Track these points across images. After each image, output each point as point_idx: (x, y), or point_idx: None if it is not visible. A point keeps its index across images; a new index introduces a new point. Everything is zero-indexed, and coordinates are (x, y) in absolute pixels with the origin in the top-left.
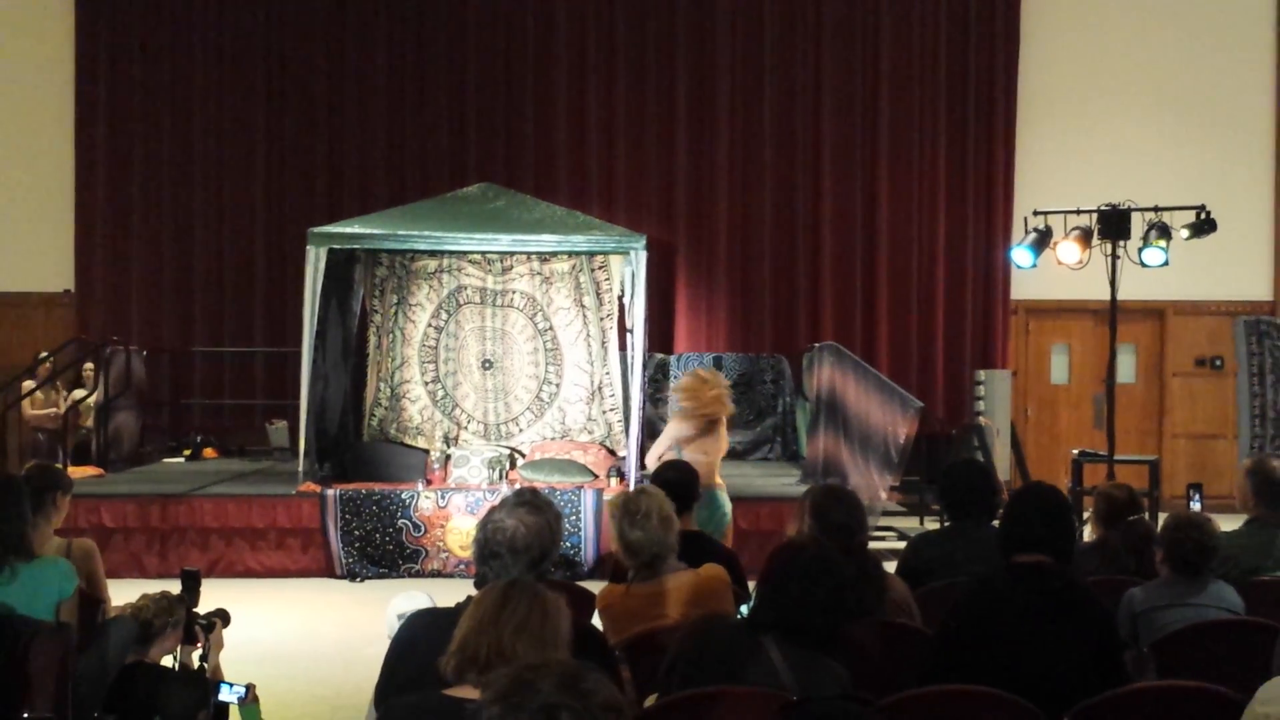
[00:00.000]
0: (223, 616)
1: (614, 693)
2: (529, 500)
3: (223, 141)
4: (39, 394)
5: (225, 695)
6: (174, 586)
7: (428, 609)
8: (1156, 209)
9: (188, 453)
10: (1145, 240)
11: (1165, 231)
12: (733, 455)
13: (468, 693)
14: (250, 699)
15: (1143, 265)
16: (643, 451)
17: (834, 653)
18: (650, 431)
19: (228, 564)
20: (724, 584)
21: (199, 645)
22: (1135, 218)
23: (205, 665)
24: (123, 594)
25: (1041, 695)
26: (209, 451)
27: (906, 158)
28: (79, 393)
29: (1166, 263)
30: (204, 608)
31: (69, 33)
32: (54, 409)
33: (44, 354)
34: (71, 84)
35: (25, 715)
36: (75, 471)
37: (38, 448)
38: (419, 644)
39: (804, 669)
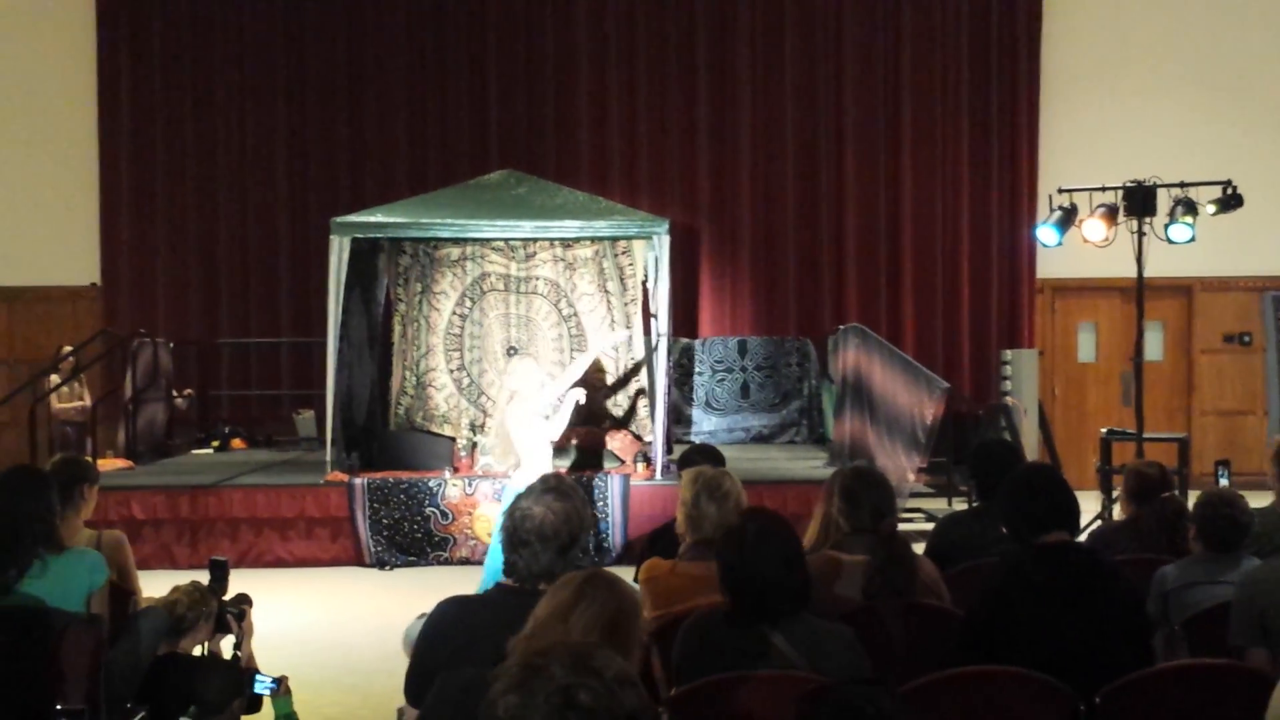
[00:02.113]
0: (246, 601)
1: (625, 666)
2: (555, 486)
3: (245, 133)
4: (64, 388)
5: (258, 687)
6: (204, 577)
7: (455, 596)
8: (1183, 185)
9: (216, 444)
10: (1171, 217)
11: (1192, 207)
12: (759, 439)
13: None
14: (283, 691)
15: (1169, 242)
16: (669, 438)
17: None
18: (677, 417)
19: (258, 554)
20: None
21: (231, 633)
22: (1161, 194)
23: (239, 653)
24: (153, 585)
25: (1072, 675)
26: (237, 442)
27: (929, 136)
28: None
29: (1193, 239)
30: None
31: (90, 27)
32: (80, 402)
33: (68, 348)
34: (94, 79)
35: (59, 707)
36: (104, 464)
37: (65, 441)
38: (448, 632)
39: (810, 645)
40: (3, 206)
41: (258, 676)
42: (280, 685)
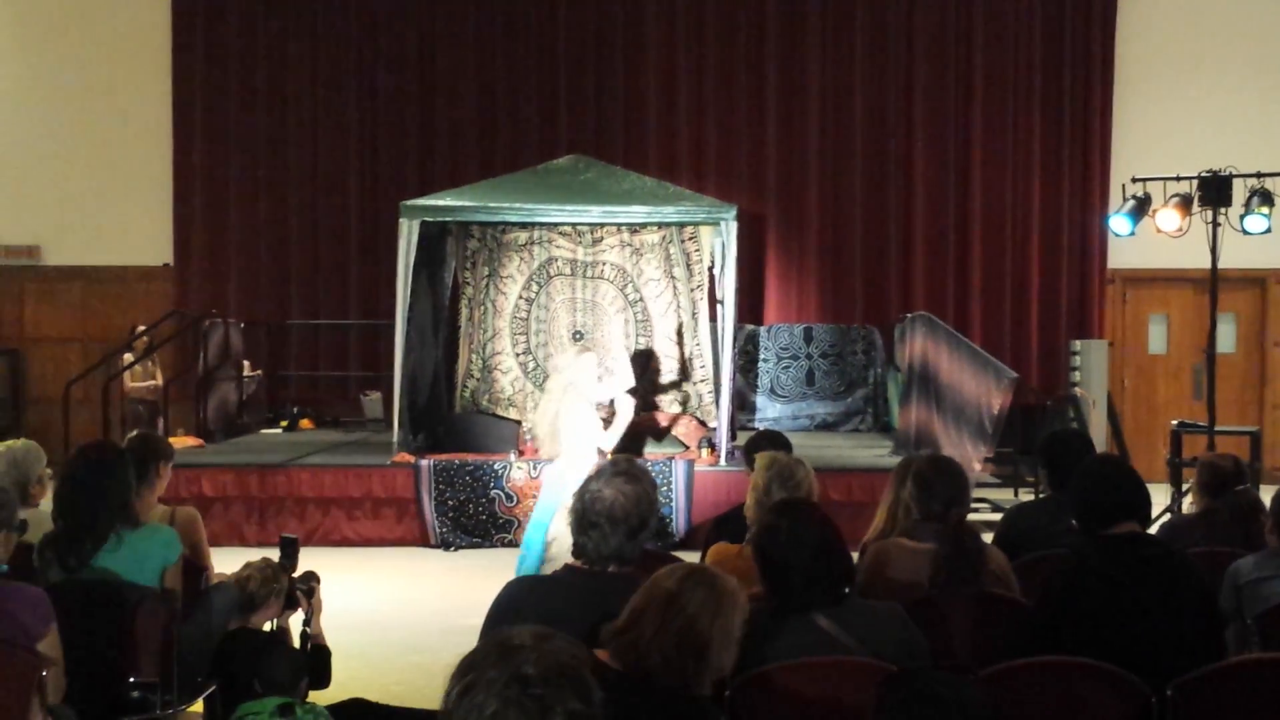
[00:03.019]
0: (315, 579)
1: (536, 629)
2: (625, 470)
3: (317, 116)
4: (137, 367)
5: None
6: (273, 554)
7: (523, 577)
8: (1259, 175)
9: (284, 424)
10: (1247, 207)
11: (1268, 198)
12: (824, 427)
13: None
14: None
15: (1244, 233)
16: (733, 425)
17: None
18: (742, 403)
19: (325, 533)
20: None
21: (301, 609)
22: (1237, 184)
23: (308, 629)
24: (223, 562)
25: (1142, 667)
26: (305, 423)
27: (1001, 123)
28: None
29: (1269, 230)
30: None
31: (166, 12)
32: (153, 381)
33: (140, 328)
34: (169, 63)
35: (131, 679)
36: (175, 442)
37: (138, 419)
38: (517, 611)
39: (860, 626)
40: (79, 188)
41: None
42: None
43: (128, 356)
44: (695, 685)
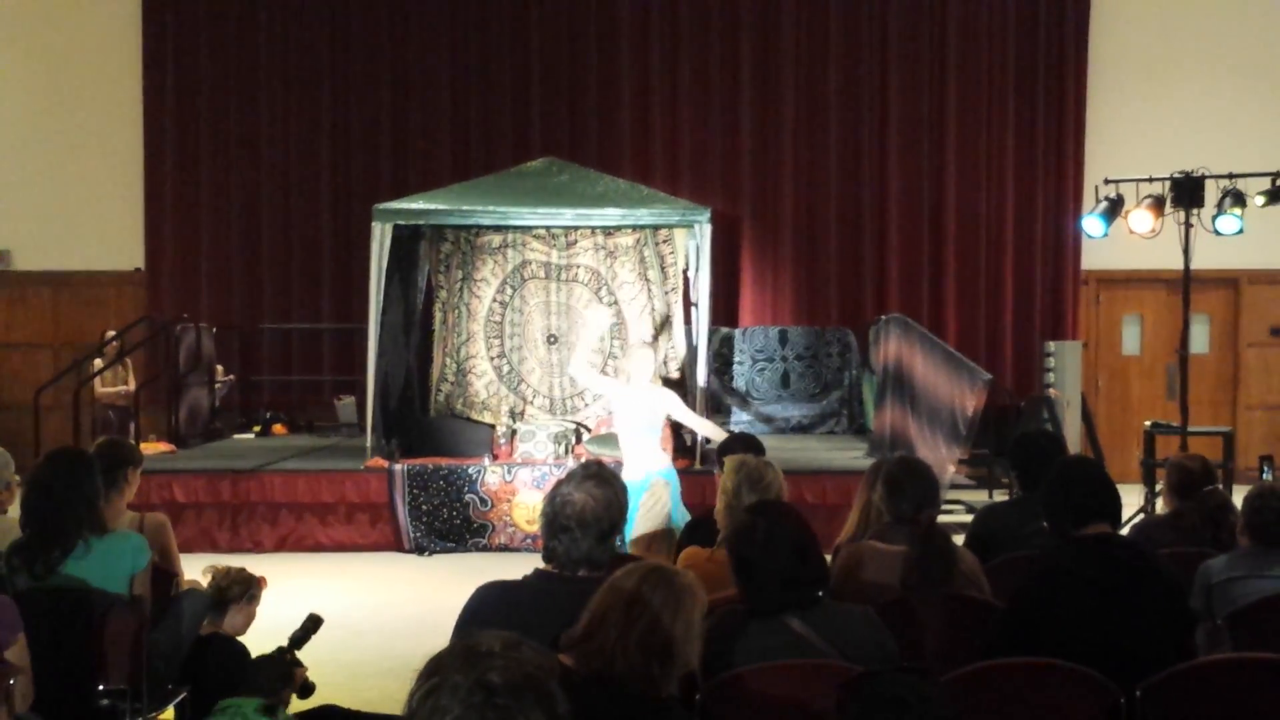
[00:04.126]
0: (303, 690)
1: (505, 635)
2: (596, 473)
3: (288, 119)
4: (108, 372)
5: None
6: (245, 561)
7: (495, 581)
8: (1231, 176)
9: (257, 429)
10: (1220, 208)
11: (1240, 199)
12: (798, 429)
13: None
14: None
15: (1217, 234)
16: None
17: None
18: (716, 406)
19: (298, 539)
20: None
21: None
22: (1209, 185)
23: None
24: (194, 568)
25: (1113, 668)
26: (278, 428)
27: (975, 125)
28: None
29: (1241, 231)
30: (278, 588)
31: (136, 15)
32: (124, 386)
33: (111, 333)
34: (139, 64)
35: (101, 687)
36: (146, 447)
37: (108, 424)
38: (489, 616)
39: (833, 629)
40: (49, 193)
41: None
42: None
43: (99, 362)
44: (663, 685)
